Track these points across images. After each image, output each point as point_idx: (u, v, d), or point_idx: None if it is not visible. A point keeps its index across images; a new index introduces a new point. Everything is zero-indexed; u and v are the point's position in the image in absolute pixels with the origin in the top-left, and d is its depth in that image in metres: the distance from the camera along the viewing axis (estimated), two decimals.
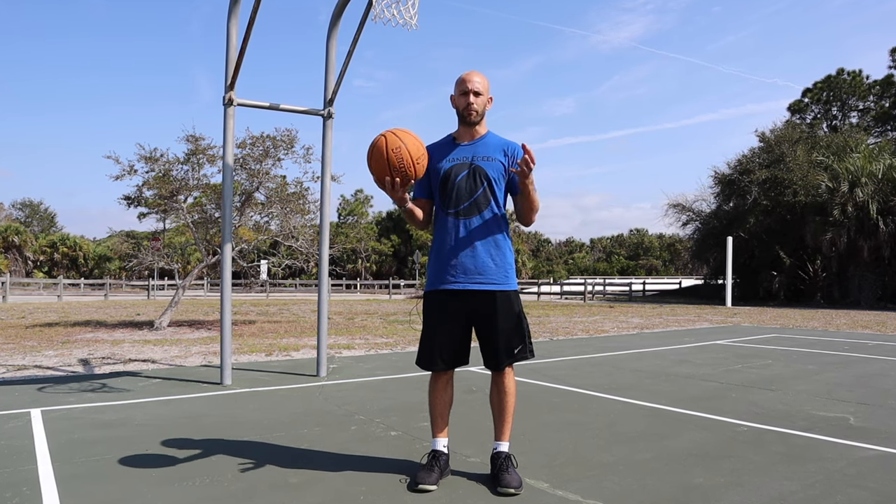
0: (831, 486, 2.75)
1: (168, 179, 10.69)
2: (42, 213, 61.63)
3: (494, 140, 2.81)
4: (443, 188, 2.76)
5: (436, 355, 2.75)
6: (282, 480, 2.78)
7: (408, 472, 2.89)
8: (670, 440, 3.51)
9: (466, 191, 2.72)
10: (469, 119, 2.76)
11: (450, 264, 2.73)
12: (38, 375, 5.75)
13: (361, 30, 5.17)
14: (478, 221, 2.73)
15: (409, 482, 2.74)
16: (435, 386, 2.84)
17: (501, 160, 2.76)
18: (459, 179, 2.73)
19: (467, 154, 2.77)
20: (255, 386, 5.18)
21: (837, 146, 25.12)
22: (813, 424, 3.91)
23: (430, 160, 2.76)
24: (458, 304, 2.73)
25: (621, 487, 2.71)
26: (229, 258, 5.36)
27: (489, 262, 2.72)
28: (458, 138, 2.83)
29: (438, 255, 2.78)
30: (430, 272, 2.82)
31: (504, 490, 2.64)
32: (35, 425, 3.75)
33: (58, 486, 2.70)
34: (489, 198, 2.74)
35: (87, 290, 33.57)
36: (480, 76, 2.77)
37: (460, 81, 2.76)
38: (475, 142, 2.79)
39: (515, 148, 2.78)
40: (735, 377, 5.74)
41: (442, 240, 2.77)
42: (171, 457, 3.13)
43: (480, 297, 2.71)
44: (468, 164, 2.75)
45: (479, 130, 2.81)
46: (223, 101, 5.21)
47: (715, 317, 15.33)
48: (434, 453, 2.80)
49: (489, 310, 2.71)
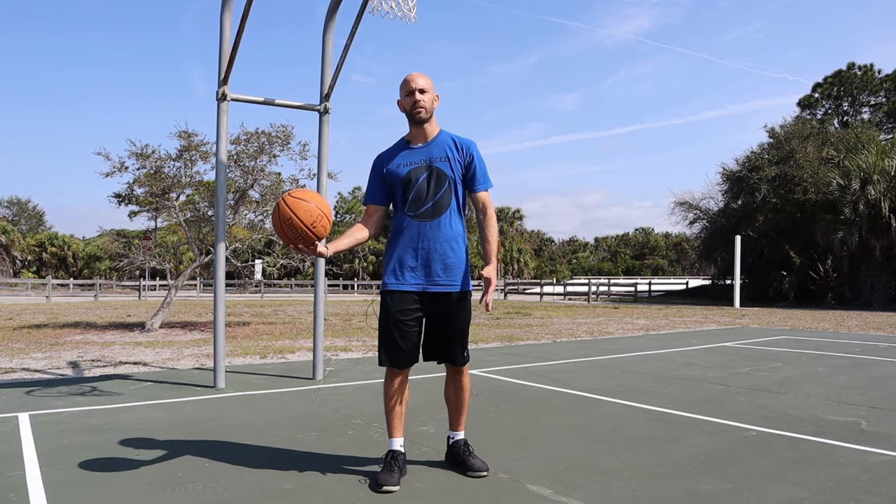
0: (843, 492, 2.71)
1: (160, 177, 10.58)
2: (30, 212, 61.14)
3: (446, 139, 2.89)
4: (404, 192, 2.83)
5: (400, 353, 2.81)
6: (277, 486, 2.74)
7: (409, 475, 2.86)
8: (677, 445, 3.46)
9: (428, 193, 2.80)
10: (418, 117, 2.82)
11: (410, 265, 2.81)
12: (26, 378, 5.67)
13: (359, 23, 5.11)
14: (439, 223, 2.81)
15: (371, 484, 2.75)
16: (392, 385, 2.87)
17: (457, 158, 2.85)
18: (420, 182, 2.81)
19: (423, 156, 2.84)
20: (250, 389, 5.12)
21: (848, 142, 24.72)
22: (823, 429, 3.85)
23: (386, 166, 2.87)
24: (417, 303, 2.81)
25: (626, 494, 2.67)
26: (223, 258, 5.28)
27: (450, 265, 2.81)
28: (411, 141, 2.90)
29: (399, 255, 2.84)
30: (390, 271, 2.86)
31: (477, 474, 2.86)
32: (22, 430, 3.70)
33: (46, 492, 2.66)
34: (450, 199, 2.83)
35: (77, 291, 33.39)
36: (423, 76, 2.86)
37: (404, 83, 2.85)
38: (429, 143, 2.87)
39: (467, 144, 2.88)
40: (743, 380, 5.69)
41: (402, 241, 2.83)
42: (163, 462, 3.08)
43: (441, 297, 2.81)
44: (427, 167, 2.82)
45: (431, 131, 2.88)
46: (216, 97, 5.13)
47: (723, 318, 15.24)
48: (393, 454, 2.85)
49: (449, 309, 2.82)
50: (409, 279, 2.80)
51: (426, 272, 2.79)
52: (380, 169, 2.89)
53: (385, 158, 2.89)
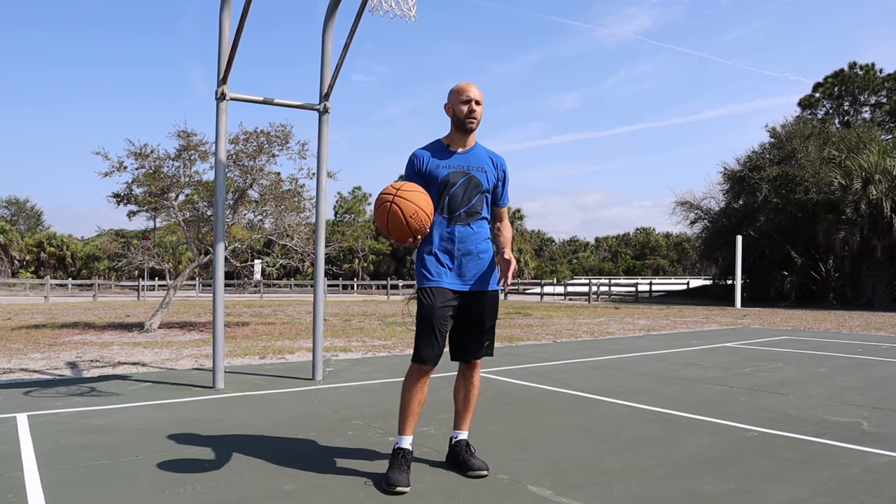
0: (844, 493, 2.70)
1: (158, 176, 10.55)
2: (28, 212, 61.02)
3: (483, 151, 3.02)
4: (441, 193, 2.90)
5: (437, 349, 2.85)
6: (277, 487, 2.73)
7: (410, 475, 2.81)
8: (677, 446, 3.45)
9: (463, 198, 2.91)
10: (470, 127, 2.93)
11: (447, 265, 2.89)
12: (24, 379, 5.65)
13: (358, 22, 5.10)
14: (472, 227, 2.93)
15: (384, 485, 2.71)
16: (416, 384, 2.89)
17: (492, 172, 3.00)
18: (457, 187, 2.90)
19: (462, 163, 2.95)
20: (249, 390, 5.11)
21: (850, 142, 24.60)
22: (825, 429, 3.85)
23: (426, 164, 2.92)
24: (452, 302, 2.87)
25: (627, 495, 2.67)
26: (222, 258, 5.26)
27: (481, 265, 2.93)
28: (450, 145, 2.98)
29: (435, 254, 2.90)
30: (428, 269, 2.90)
31: (477, 473, 2.89)
32: (21, 430, 3.69)
33: (44, 493, 2.65)
34: (482, 206, 2.98)
35: (75, 291, 33.32)
36: (479, 89, 2.96)
37: (460, 90, 2.93)
38: (468, 151, 2.98)
39: (501, 161, 3.04)
40: (744, 381, 5.67)
41: (437, 241, 2.91)
42: (162, 463, 3.07)
43: (474, 297, 2.91)
44: (464, 173, 2.93)
45: (471, 141, 3.00)
46: (215, 96, 5.11)
47: (724, 318, 15.22)
48: (403, 451, 2.85)
49: (480, 308, 2.92)
50: (446, 277, 2.87)
51: (459, 273, 2.89)
52: (419, 165, 2.93)
53: (424, 156, 2.94)
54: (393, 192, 2.71)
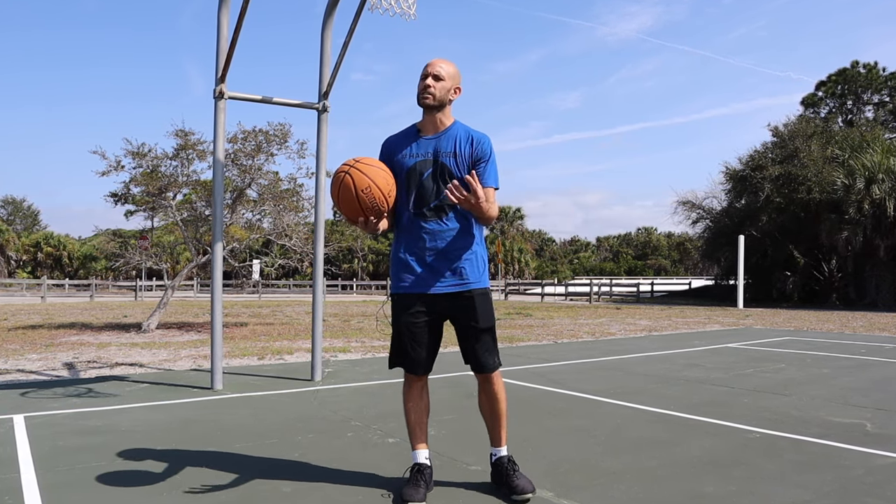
0: (847, 494, 2.68)
1: (156, 176, 10.53)
2: (25, 211, 60.95)
3: (461, 131, 2.65)
4: (408, 186, 2.62)
5: (409, 359, 2.65)
6: (275, 489, 2.71)
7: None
8: (679, 447, 3.43)
9: (433, 191, 2.59)
10: (424, 102, 2.61)
11: (416, 267, 2.62)
12: (21, 380, 5.63)
13: (358, 20, 5.07)
14: (444, 222, 2.61)
15: (395, 500, 2.61)
16: (410, 392, 2.72)
17: (466, 153, 2.61)
18: (425, 178, 2.60)
19: (430, 148, 2.63)
20: (247, 391, 5.09)
21: (853, 141, 24.47)
22: (828, 431, 3.83)
23: (392, 153, 2.66)
24: (430, 307, 2.62)
25: (628, 496, 2.65)
26: (220, 258, 5.24)
27: (458, 264, 2.62)
28: (421, 130, 2.68)
29: (405, 256, 2.65)
30: (395, 273, 2.68)
31: (521, 497, 2.58)
32: (18, 432, 3.67)
33: (41, 494, 2.63)
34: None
35: (72, 291, 33.19)
36: (447, 63, 2.65)
37: (424, 67, 2.64)
38: (439, 135, 2.64)
39: (481, 138, 2.64)
40: (747, 382, 5.65)
41: (408, 240, 2.64)
42: (160, 465, 3.05)
43: (452, 298, 2.62)
44: (432, 161, 2.61)
45: (444, 121, 2.65)
46: (214, 95, 5.09)
47: (726, 319, 15.19)
48: (418, 467, 2.65)
49: (464, 311, 2.62)
50: (415, 281, 2.61)
51: (433, 273, 2.60)
52: (385, 154, 2.69)
53: (393, 145, 2.69)
54: (350, 164, 2.47)
